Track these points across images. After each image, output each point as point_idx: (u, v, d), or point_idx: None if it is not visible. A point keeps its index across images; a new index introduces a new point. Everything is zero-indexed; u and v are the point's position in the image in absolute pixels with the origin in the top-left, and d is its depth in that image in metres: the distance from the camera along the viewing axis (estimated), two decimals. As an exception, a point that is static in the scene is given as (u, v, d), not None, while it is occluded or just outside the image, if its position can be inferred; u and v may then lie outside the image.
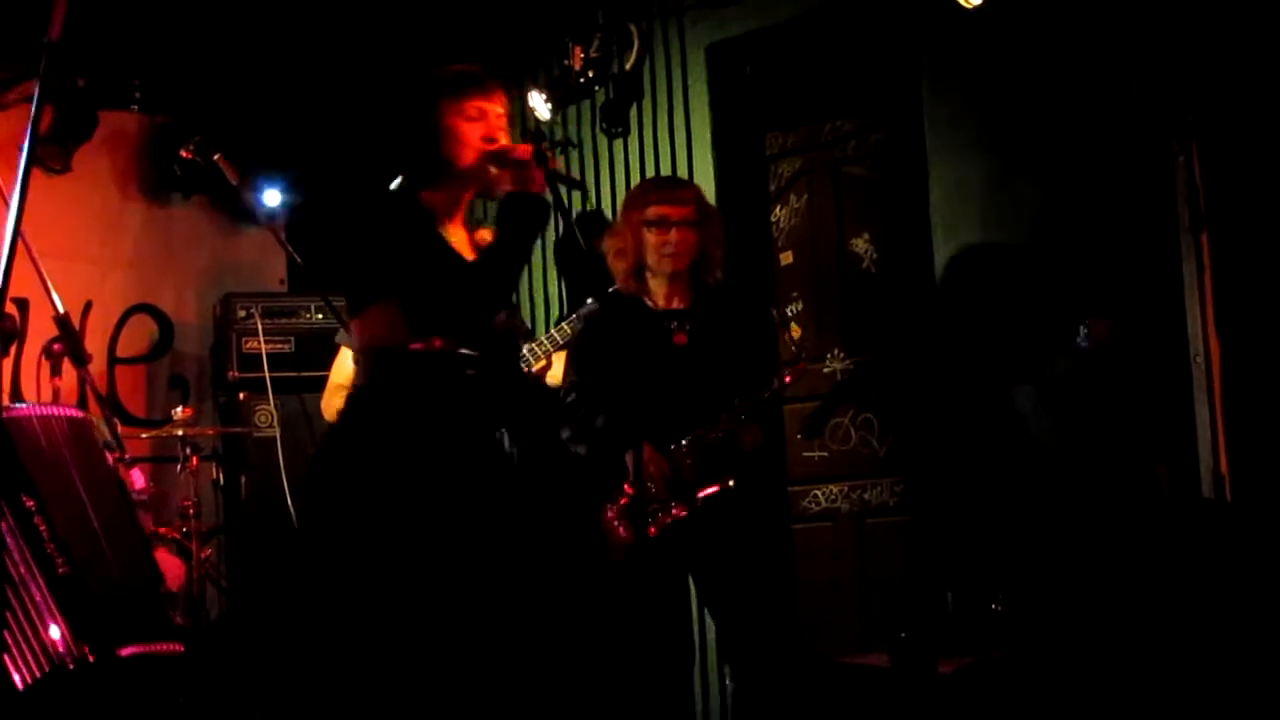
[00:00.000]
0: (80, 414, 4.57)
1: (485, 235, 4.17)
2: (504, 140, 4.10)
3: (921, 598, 6.03)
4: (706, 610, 5.31)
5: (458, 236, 4.11)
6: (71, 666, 4.03)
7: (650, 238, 5.17)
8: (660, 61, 6.89)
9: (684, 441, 5.04)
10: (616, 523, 5.08)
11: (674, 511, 5.01)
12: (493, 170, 4.06)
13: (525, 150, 4.05)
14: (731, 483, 5.06)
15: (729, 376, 5.13)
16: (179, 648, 4.28)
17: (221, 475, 6.95)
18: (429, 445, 3.98)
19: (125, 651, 4.17)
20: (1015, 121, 5.90)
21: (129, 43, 6.99)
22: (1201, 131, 5.44)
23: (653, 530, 5.01)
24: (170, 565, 4.48)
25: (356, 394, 4.12)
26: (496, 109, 4.13)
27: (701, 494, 5.03)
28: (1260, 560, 5.08)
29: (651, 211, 5.17)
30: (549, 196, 4.10)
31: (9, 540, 4.07)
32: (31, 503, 4.14)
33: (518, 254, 4.06)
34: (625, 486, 5.08)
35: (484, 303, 4.03)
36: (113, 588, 4.22)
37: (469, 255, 4.08)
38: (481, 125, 4.08)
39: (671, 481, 5.00)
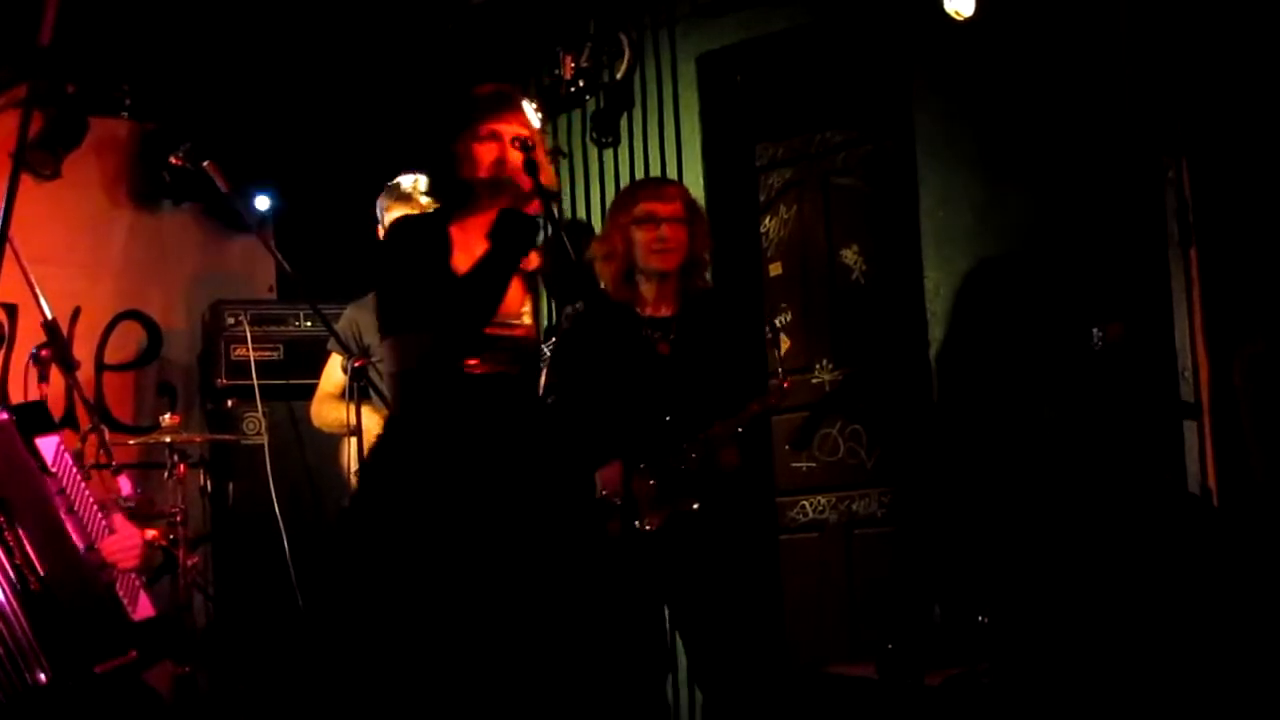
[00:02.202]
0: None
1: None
2: (512, 156, 4.20)
3: (909, 609, 6.03)
4: (676, 629, 5.26)
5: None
6: (46, 683, 3.98)
7: (639, 236, 5.11)
8: (651, 71, 6.89)
9: (644, 466, 4.99)
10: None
11: (637, 530, 4.96)
12: (495, 194, 4.18)
13: (521, 178, 4.15)
14: (695, 506, 5.00)
15: (711, 389, 5.08)
16: (133, 654, 4.22)
17: (209, 483, 6.94)
18: (461, 467, 4.12)
19: (101, 668, 4.13)
20: (1005, 134, 5.90)
21: (119, 49, 6.98)
22: (1191, 146, 5.46)
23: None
24: (129, 534, 4.33)
25: (390, 421, 4.33)
26: (514, 128, 4.23)
27: (660, 517, 4.99)
28: (1247, 571, 5.09)
29: (640, 209, 5.12)
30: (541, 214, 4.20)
31: None
32: (2, 518, 4.09)
33: (502, 269, 4.13)
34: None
35: (470, 314, 4.09)
36: (80, 600, 4.16)
37: None
38: (495, 146, 4.20)
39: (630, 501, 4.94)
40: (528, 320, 4.30)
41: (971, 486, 5.93)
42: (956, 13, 5.63)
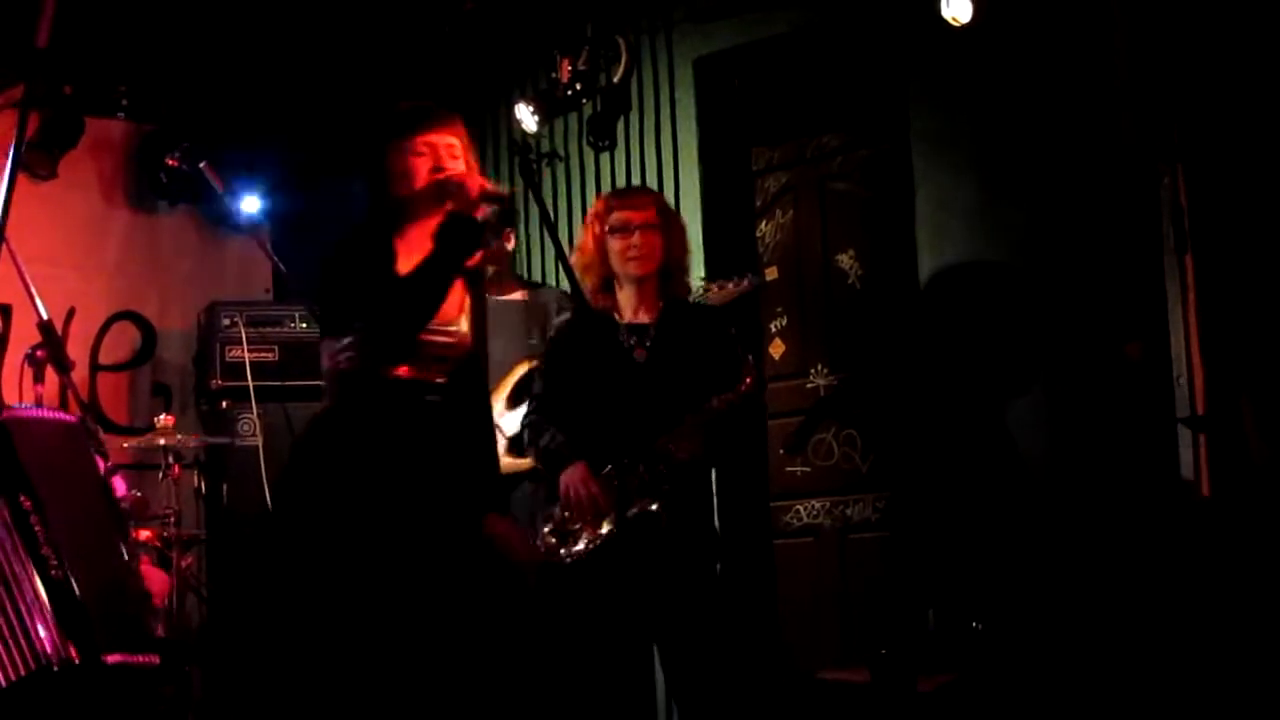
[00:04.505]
0: (74, 418, 4.58)
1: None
2: (453, 168, 4.22)
3: (902, 615, 6.03)
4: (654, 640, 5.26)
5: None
6: (57, 667, 4.04)
7: (614, 244, 5.13)
8: (648, 75, 6.90)
9: (612, 468, 4.99)
10: (548, 539, 5.05)
11: (598, 533, 4.96)
12: (438, 200, 4.18)
13: (469, 179, 4.16)
14: (655, 506, 4.99)
15: (687, 394, 5.09)
16: (154, 659, 4.29)
17: (204, 484, 6.93)
18: (390, 467, 4.09)
19: (112, 659, 4.18)
20: (1002, 139, 5.91)
21: (116, 50, 6.98)
22: (1187, 153, 5.46)
23: (569, 554, 5.00)
24: (155, 578, 4.47)
25: (321, 416, 4.25)
26: (446, 139, 4.26)
27: (629, 513, 4.98)
28: (1243, 578, 5.09)
29: (614, 218, 5.15)
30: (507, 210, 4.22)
31: (4, 536, 4.09)
32: (29, 503, 4.16)
33: (444, 271, 4.13)
34: (556, 508, 5.05)
35: (409, 316, 4.10)
36: (101, 594, 4.24)
37: None
38: (430, 158, 4.21)
39: (596, 505, 4.96)
40: (464, 327, 4.28)
41: (966, 492, 5.93)
42: (953, 18, 5.64)
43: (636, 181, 6.86)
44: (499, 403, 5.38)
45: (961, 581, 5.82)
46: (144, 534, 5.90)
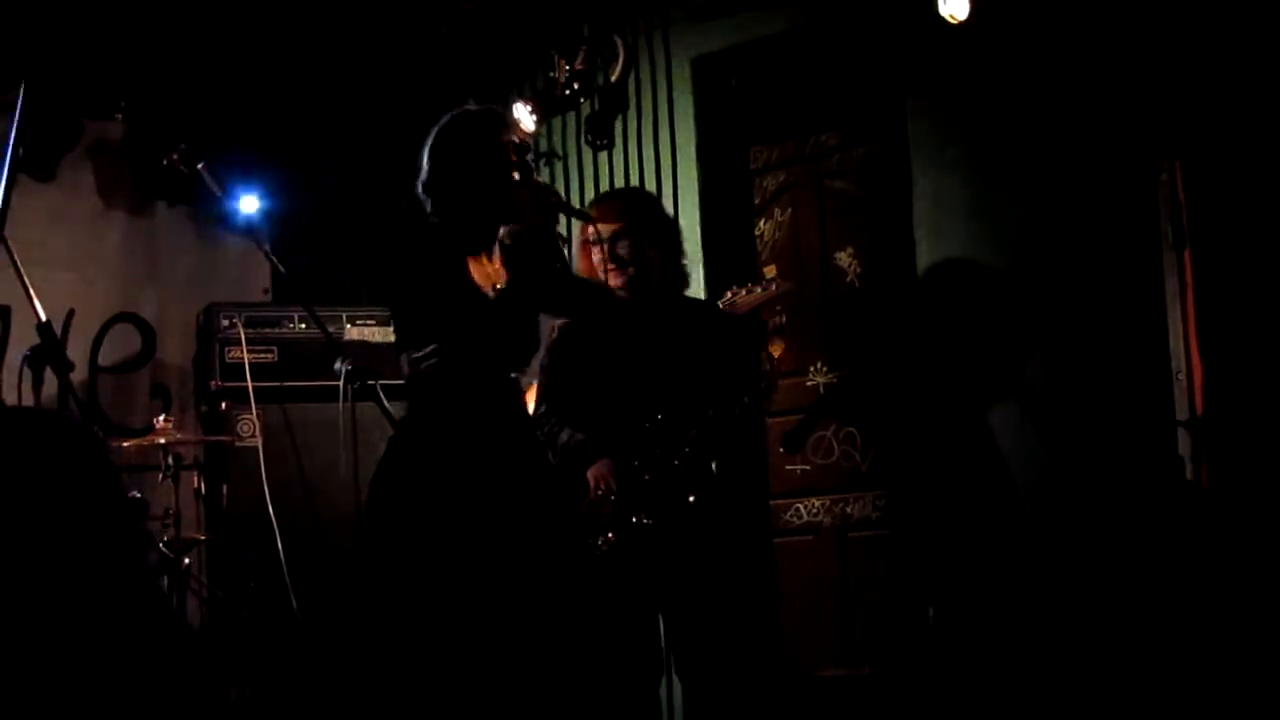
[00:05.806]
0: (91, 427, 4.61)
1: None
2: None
3: (902, 612, 6.03)
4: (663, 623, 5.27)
5: (490, 267, 4.34)
6: None
7: (595, 255, 5.15)
8: (645, 74, 6.90)
9: (641, 461, 5.01)
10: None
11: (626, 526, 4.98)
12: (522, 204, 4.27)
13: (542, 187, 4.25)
14: (692, 499, 5.02)
15: (700, 390, 5.09)
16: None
17: (203, 485, 6.93)
18: (476, 467, 4.22)
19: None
20: (999, 137, 5.91)
21: (114, 52, 6.98)
22: (1184, 148, 5.46)
23: (604, 545, 5.01)
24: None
25: (405, 421, 4.39)
26: (514, 141, 4.31)
27: (650, 515, 5.00)
28: (1241, 575, 5.10)
29: (589, 230, 5.15)
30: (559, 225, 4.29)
31: None
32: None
33: (532, 286, 4.20)
34: (584, 502, 5.07)
35: (506, 334, 4.18)
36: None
37: (498, 282, 4.31)
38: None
39: (622, 499, 4.97)
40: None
41: (966, 490, 5.93)
42: (951, 16, 5.64)
43: (635, 180, 6.87)
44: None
45: (961, 579, 5.82)
46: (143, 535, 5.90)
